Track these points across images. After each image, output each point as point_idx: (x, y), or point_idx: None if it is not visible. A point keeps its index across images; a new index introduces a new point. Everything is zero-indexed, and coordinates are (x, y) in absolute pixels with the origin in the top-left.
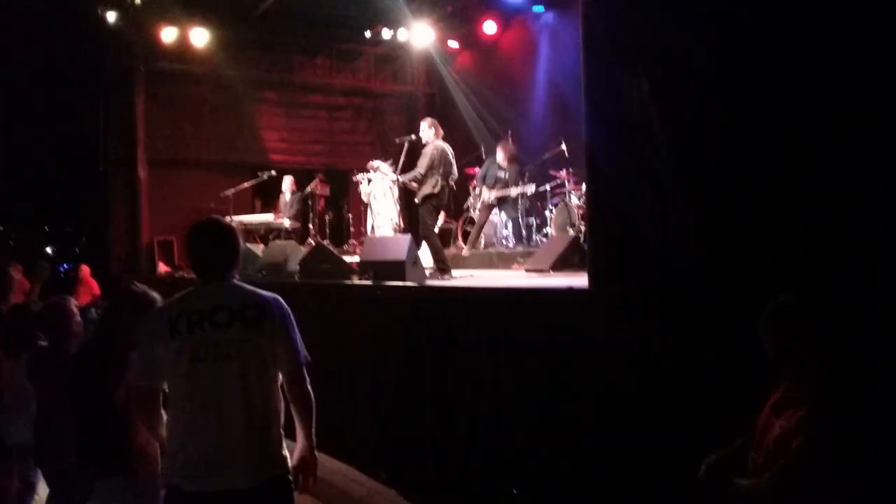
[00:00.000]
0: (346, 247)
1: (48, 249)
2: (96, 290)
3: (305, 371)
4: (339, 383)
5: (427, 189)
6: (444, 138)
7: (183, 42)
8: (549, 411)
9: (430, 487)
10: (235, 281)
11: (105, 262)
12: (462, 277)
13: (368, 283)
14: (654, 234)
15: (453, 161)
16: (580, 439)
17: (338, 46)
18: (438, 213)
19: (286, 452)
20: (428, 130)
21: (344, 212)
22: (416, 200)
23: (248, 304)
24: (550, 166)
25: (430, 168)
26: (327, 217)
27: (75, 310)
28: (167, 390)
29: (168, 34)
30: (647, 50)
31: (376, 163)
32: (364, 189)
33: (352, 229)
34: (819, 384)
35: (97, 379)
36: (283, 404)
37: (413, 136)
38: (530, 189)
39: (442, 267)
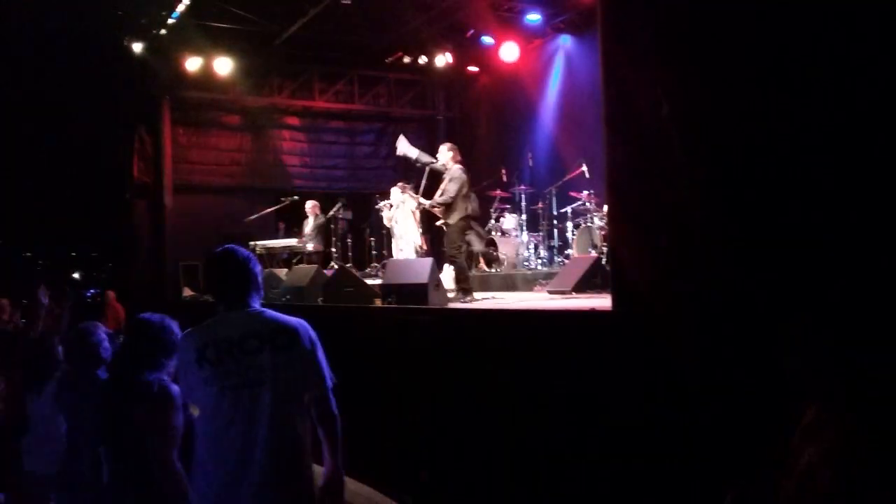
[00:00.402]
0: (368, 270)
1: (75, 275)
2: (122, 314)
3: (332, 394)
4: (363, 406)
5: (460, 212)
6: (465, 162)
7: (207, 70)
8: (575, 434)
9: None
10: (260, 307)
11: (130, 287)
12: (484, 300)
13: (391, 306)
14: (678, 255)
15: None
16: (607, 463)
17: (359, 72)
18: (465, 235)
19: (313, 476)
20: (447, 153)
21: (366, 235)
22: (448, 222)
23: (277, 330)
24: (571, 188)
25: (460, 191)
26: (349, 241)
27: (104, 335)
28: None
29: (192, 63)
30: (667, 69)
31: (399, 188)
32: (386, 215)
33: (374, 253)
34: (844, 408)
35: (122, 410)
36: (310, 428)
37: (434, 160)
38: None
39: (465, 288)
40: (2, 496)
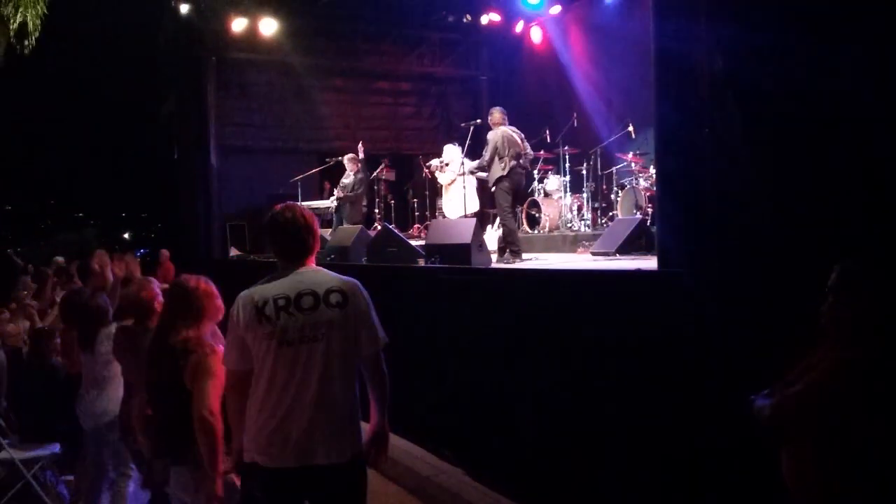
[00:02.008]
0: (411, 231)
1: (126, 235)
2: (172, 273)
3: (382, 353)
4: (405, 364)
5: (497, 172)
6: (509, 122)
7: (252, 31)
8: (621, 395)
9: (496, 467)
10: (315, 265)
11: (178, 247)
12: (527, 261)
13: (435, 265)
14: (727, 216)
15: (521, 142)
16: (655, 418)
17: (403, 32)
18: (512, 194)
19: (361, 431)
20: (491, 118)
21: (408, 196)
22: (490, 185)
23: (332, 288)
24: (617, 149)
25: (494, 153)
26: (392, 201)
27: (158, 290)
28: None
29: (238, 24)
30: (722, 25)
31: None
32: (441, 176)
33: (416, 213)
34: (857, 342)
35: (164, 370)
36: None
37: (478, 121)
38: None
39: (514, 249)
40: (57, 447)
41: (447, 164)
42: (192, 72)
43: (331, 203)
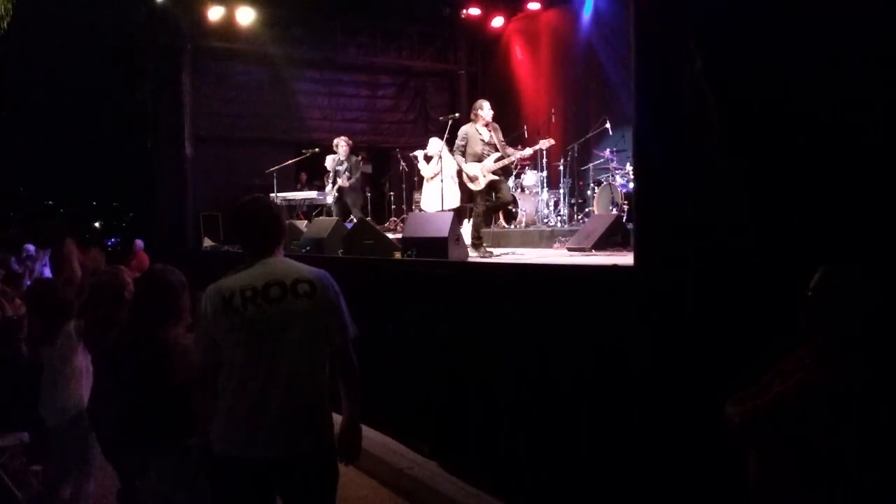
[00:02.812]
0: (387, 224)
1: (96, 223)
2: (146, 263)
3: (352, 346)
4: (381, 357)
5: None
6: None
7: (229, 20)
8: (594, 389)
9: (472, 462)
10: (283, 257)
11: (151, 237)
12: (503, 255)
13: (411, 259)
14: (703, 213)
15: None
16: (629, 418)
17: (381, 25)
18: (465, 186)
19: (332, 424)
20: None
21: (385, 189)
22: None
23: (300, 278)
24: (594, 145)
25: (459, 148)
26: (368, 194)
27: (129, 280)
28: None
29: (214, 12)
30: (700, 26)
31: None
32: (422, 165)
33: (393, 207)
34: (832, 354)
35: (138, 361)
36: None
37: (456, 115)
38: None
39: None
40: (26, 435)
41: (434, 157)
42: (167, 60)
43: (329, 194)
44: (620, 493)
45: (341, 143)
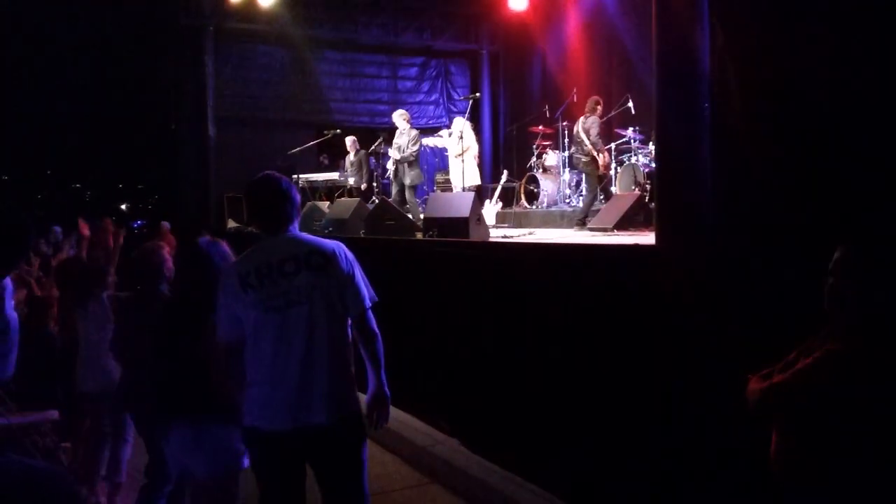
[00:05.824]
0: (407, 205)
1: (122, 206)
2: (174, 246)
3: (371, 312)
4: (403, 336)
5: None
6: (509, 97)
7: (251, 1)
8: (615, 368)
9: (493, 439)
10: (297, 232)
11: (175, 219)
12: (524, 235)
13: (433, 239)
14: (725, 193)
15: None
16: (649, 396)
17: (403, 5)
18: None
19: (358, 393)
20: None
21: None
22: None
23: (313, 251)
24: (616, 125)
25: None
26: (390, 175)
27: (167, 256)
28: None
29: None
30: (723, 2)
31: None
32: (446, 142)
33: None
34: (855, 332)
35: (180, 332)
36: (352, 348)
37: (478, 94)
38: None
39: None
40: (55, 414)
41: (455, 135)
42: (189, 42)
43: (335, 176)
44: (641, 470)
45: (396, 118)
